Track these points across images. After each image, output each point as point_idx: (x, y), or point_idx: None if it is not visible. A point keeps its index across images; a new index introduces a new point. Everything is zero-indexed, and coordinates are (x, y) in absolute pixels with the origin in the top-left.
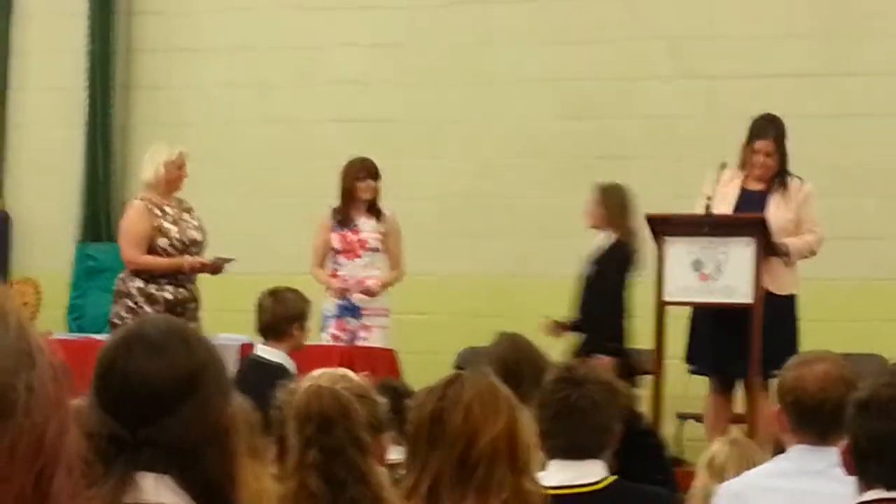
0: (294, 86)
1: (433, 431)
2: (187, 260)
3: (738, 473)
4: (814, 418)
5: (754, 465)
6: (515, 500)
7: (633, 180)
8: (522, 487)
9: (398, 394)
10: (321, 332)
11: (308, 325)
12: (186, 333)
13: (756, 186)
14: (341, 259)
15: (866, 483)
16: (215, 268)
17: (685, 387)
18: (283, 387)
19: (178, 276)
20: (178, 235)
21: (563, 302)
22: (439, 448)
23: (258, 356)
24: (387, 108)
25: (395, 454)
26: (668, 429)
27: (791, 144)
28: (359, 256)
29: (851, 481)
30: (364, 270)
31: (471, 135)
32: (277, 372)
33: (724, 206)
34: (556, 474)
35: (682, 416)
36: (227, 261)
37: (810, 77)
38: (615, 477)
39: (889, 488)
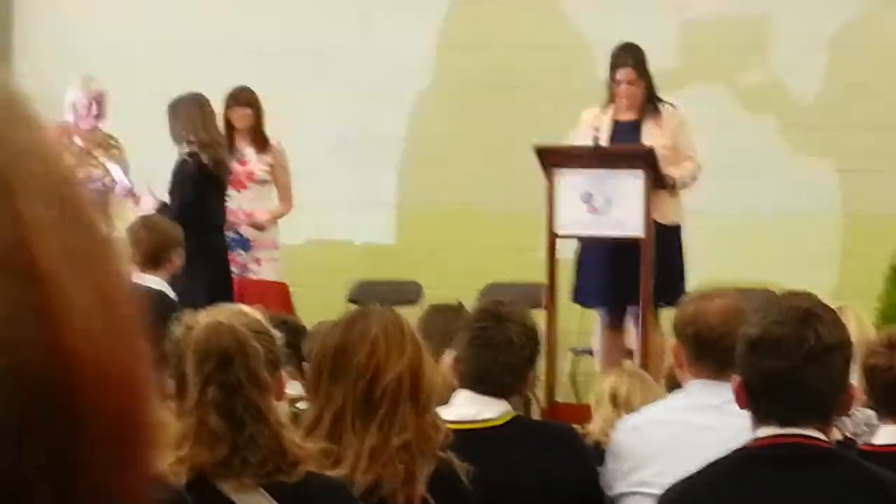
0: (179, 15)
1: (337, 365)
2: None
3: (643, 403)
4: (713, 352)
5: (656, 396)
6: (417, 438)
7: (525, 111)
8: (425, 425)
9: (291, 328)
10: None
11: (182, 252)
12: None
13: (626, 116)
14: (229, 191)
15: (759, 419)
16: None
17: (579, 321)
18: (178, 321)
19: None
20: None
21: (455, 230)
22: (343, 382)
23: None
24: (273, 39)
25: (291, 389)
26: (562, 364)
27: (677, 75)
28: (246, 188)
29: (747, 415)
30: (252, 203)
31: (358, 65)
32: (161, 298)
33: (601, 139)
34: (460, 408)
35: (576, 351)
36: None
37: (694, 9)
38: (515, 413)
39: (782, 424)
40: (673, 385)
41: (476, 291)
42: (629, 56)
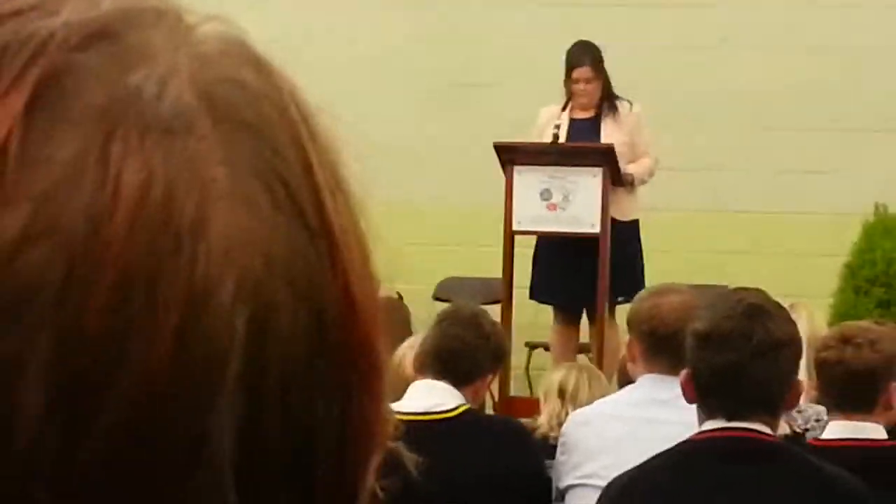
0: None
1: None
2: None
3: (591, 398)
4: (667, 348)
5: (605, 391)
6: None
7: (492, 108)
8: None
9: None
10: None
11: None
12: None
13: (584, 114)
14: None
15: (707, 413)
16: None
17: (534, 316)
18: None
19: None
20: None
21: (412, 225)
22: None
23: None
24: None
25: None
26: (517, 358)
27: (636, 74)
28: None
29: (696, 409)
30: None
31: (324, 58)
32: None
33: (560, 137)
34: (415, 399)
35: (531, 346)
36: None
37: (656, 7)
38: (468, 406)
39: (729, 419)
40: (626, 381)
41: (433, 286)
42: (586, 55)
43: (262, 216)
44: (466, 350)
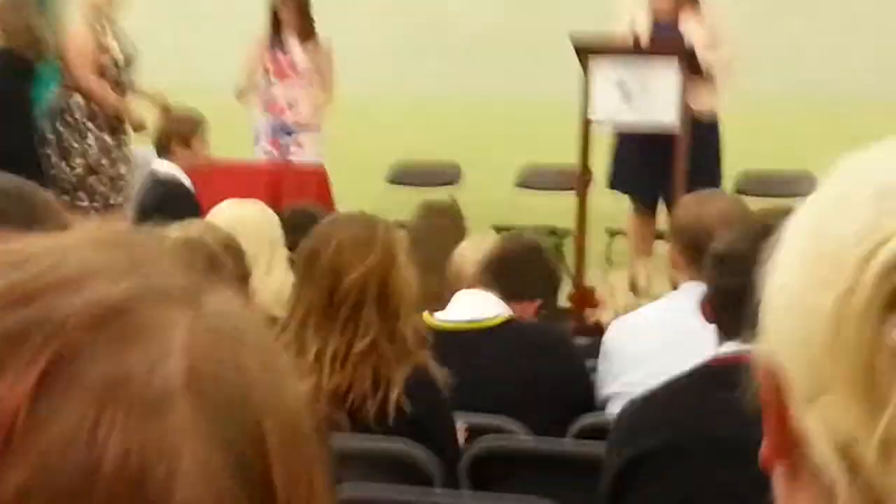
0: None
1: (307, 267)
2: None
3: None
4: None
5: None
6: (387, 343)
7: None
8: (395, 329)
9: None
10: None
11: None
12: None
13: (664, 9)
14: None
15: (721, 336)
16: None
17: (613, 203)
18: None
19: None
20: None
21: (500, 119)
22: (311, 283)
23: (154, 170)
24: None
25: None
26: (597, 245)
27: None
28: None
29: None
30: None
31: None
32: (168, 185)
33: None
34: (461, 310)
35: (611, 232)
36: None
37: None
38: (509, 316)
39: (743, 343)
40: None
41: (513, 174)
42: None
43: (220, 491)
44: (521, 271)
